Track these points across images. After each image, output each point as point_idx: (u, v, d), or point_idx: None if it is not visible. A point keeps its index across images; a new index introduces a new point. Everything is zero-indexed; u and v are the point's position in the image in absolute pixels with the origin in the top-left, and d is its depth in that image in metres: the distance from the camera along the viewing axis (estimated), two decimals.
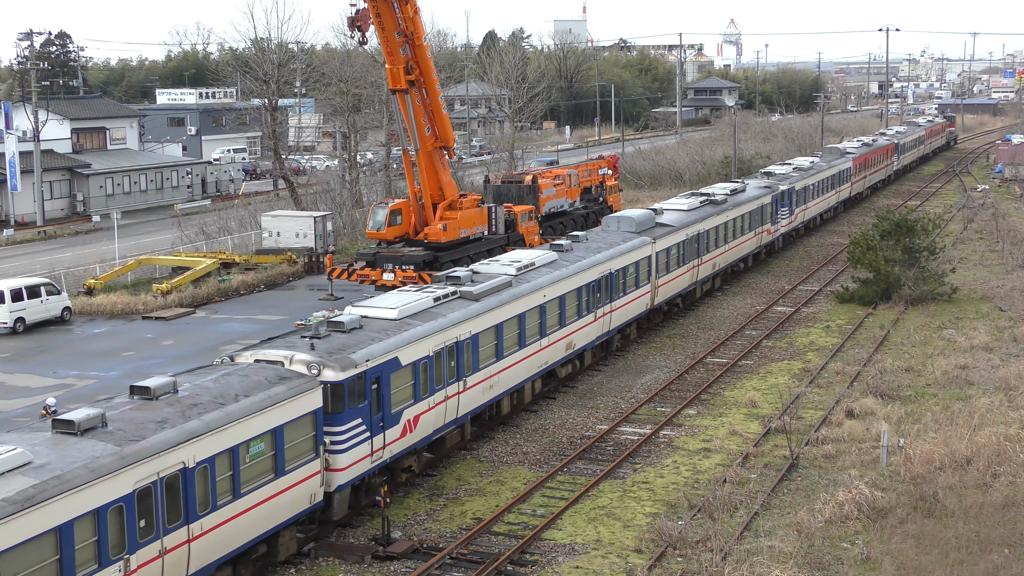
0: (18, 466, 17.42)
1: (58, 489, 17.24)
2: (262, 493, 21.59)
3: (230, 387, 21.88)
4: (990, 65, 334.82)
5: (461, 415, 29.05)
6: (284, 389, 22.35)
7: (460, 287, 30.62)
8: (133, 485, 18.56)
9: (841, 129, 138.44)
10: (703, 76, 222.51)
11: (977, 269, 54.37)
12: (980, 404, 31.61)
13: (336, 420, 23.77)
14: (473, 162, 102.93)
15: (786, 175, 62.52)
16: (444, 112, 46.50)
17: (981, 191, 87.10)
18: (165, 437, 19.43)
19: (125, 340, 42.91)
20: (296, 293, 51.47)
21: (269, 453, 21.80)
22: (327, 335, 25.45)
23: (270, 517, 21.92)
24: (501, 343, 30.70)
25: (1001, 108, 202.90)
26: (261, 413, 21.46)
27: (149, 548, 19.00)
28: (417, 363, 26.66)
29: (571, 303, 35.08)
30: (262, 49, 76.35)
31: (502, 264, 34.40)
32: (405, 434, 26.35)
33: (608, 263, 37.80)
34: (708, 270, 48.26)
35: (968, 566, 22.04)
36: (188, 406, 20.66)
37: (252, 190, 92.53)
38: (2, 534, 16.29)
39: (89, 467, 17.92)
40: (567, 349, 35.13)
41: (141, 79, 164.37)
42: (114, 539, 18.24)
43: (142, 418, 19.86)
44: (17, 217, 75.94)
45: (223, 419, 20.61)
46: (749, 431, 31.25)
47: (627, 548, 23.77)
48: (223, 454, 20.51)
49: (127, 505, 18.43)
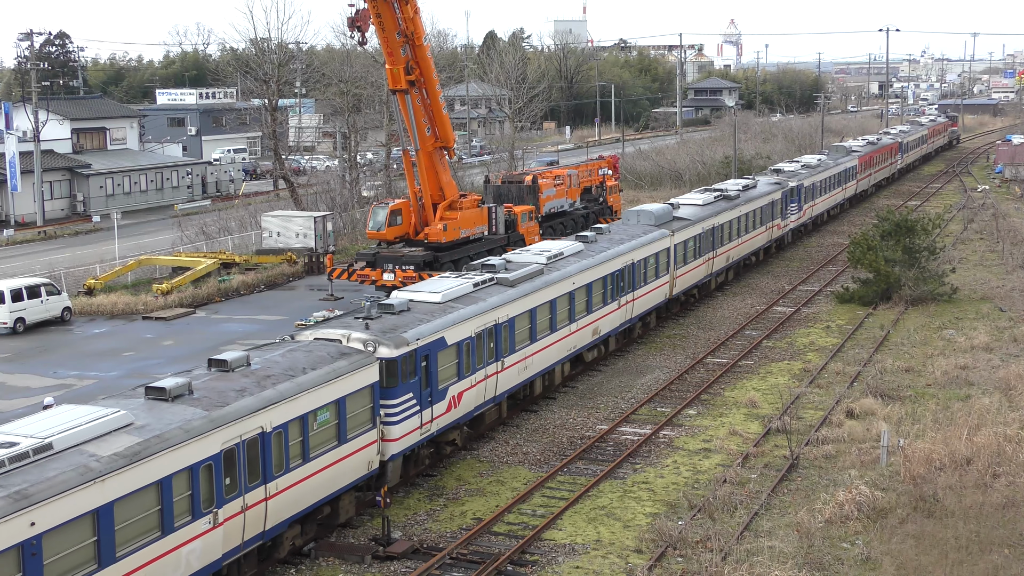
0: (122, 426, 19.27)
1: (159, 447, 19.10)
2: (327, 458, 23.39)
3: (297, 361, 23.74)
4: (990, 65, 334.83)
5: (499, 393, 30.89)
6: (346, 364, 24.22)
7: (496, 274, 32.43)
8: (220, 446, 20.37)
9: (841, 129, 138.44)
10: (703, 76, 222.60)
11: (977, 269, 54.37)
12: (980, 404, 31.61)
13: (390, 394, 25.58)
14: (473, 162, 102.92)
15: (795, 172, 64.37)
16: (444, 112, 46.50)
17: (981, 191, 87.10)
18: (246, 404, 21.30)
19: (125, 340, 42.92)
20: (296, 293, 51.47)
21: (333, 422, 23.61)
22: (378, 316, 27.28)
23: (334, 481, 23.71)
24: (535, 327, 32.55)
25: (1001, 108, 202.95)
26: (327, 385, 23.31)
27: (233, 504, 20.82)
28: (461, 343, 28.51)
29: (597, 291, 36.82)
30: (262, 49, 76.37)
31: (533, 253, 36.16)
32: (450, 409, 28.20)
33: (630, 254, 39.53)
34: (722, 263, 49.97)
35: (968, 566, 22.04)
36: (262, 377, 22.56)
37: (252, 190, 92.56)
38: (116, 484, 18.13)
39: (184, 428, 19.78)
40: (593, 334, 36.89)
41: (141, 79, 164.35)
42: (205, 494, 20.05)
43: (223, 387, 21.72)
44: (17, 217, 75.96)
45: (294, 389, 22.48)
46: (749, 431, 31.26)
47: (627, 548, 23.77)
48: (295, 421, 22.34)
49: (215, 464, 20.25)
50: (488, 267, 33.26)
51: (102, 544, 17.92)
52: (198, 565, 20.01)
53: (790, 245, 63.40)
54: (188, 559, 19.77)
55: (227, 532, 20.71)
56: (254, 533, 21.56)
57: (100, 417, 19.12)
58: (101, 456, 18.23)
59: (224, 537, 20.64)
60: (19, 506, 16.52)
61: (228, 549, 20.85)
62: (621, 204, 67.52)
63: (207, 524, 20.15)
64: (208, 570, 20.36)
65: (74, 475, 17.57)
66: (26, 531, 16.55)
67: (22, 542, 16.50)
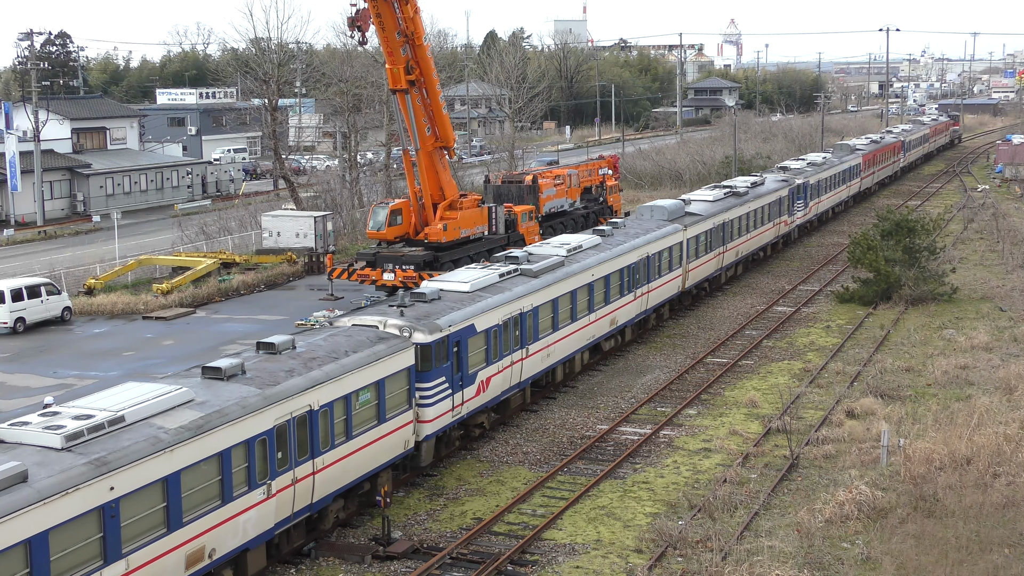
0: (185, 402, 20.59)
1: (219, 421, 20.46)
2: (368, 436, 24.71)
3: (339, 345, 25.07)
4: (990, 65, 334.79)
5: (524, 379, 32.21)
6: (384, 347, 25.57)
7: (520, 265, 33.76)
8: (273, 422, 21.69)
9: (841, 129, 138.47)
10: (703, 76, 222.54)
11: (977, 269, 54.37)
12: (980, 404, 31.60)
13: (424, 377, 26.86)
14: (473, 162, 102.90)
15: (801, 170, 65.96)
16: (444, 112, 46.48)
17: (981, 191, 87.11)
18: (295, 383, 22.63)
19: (125, 340, 42.91)
20: (296, 293, 51.46)
21: (373, 402, 24.91)
22: (412, 304, 28.58)
23: (374, 458, 25.09)
24: (556, 316, 33.89)
25: (1001, 108, 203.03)
26: (368, 367, 24.66)
27: (285, 476, 22.11)
28: (489, 330, 29.80)
29: (614, 283, 38.18)
30: (262, 49, 76.35)
31: (553, 246, 37.56)
32: (479, 393, 29.52)
33: (645, 247, 40.84)
34: (732, 257, 51.39)
35: (968, 566, 22.03)
36: (308, 359, 23.83)
37: (252, 190, 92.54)
38: (182, 454, 19.45)
39: (241, 404, 21.12)
40: (611, 325, 38.28)
41: (141, 79, 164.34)
42: (260, 466, 21.35)
43: (273, 368, 23.05)
44: (17, 217, 75.95)
45: (339, 370, 23.82)
46: (749, 431, 31.25)
47: (627, 548, 23.77)
48: (339, 400, 23.69)
49: (269, 438, 21.59)
50: (512, 259, 34.74)
51: (171, 510, 19.26)
52: (253, 533, 21.37)
53: (795, 242, 64.00)
54: (245, 527, 21.11)
55: (279, 503, 22.06)
56: (303, 505, 22.86)
57: (165, 393, 20.50)
58: (168, 428, 19.60)
59: (277, 507, 22.01)
60: (100, 472, 17.91)
61: (280, 519, 22.22)
62: (621, 204, 67.51)
63: (262, 495, 21.48)
64: (262, 538, 21.71)
65: (146, 445, 18.95)
66: (106, 495, 17.96)
67: (103, 504, 17.90)
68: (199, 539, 19.92)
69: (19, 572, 16.58)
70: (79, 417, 19.13)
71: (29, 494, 16.84)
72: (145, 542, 18.83)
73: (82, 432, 18.55)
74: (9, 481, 16.79)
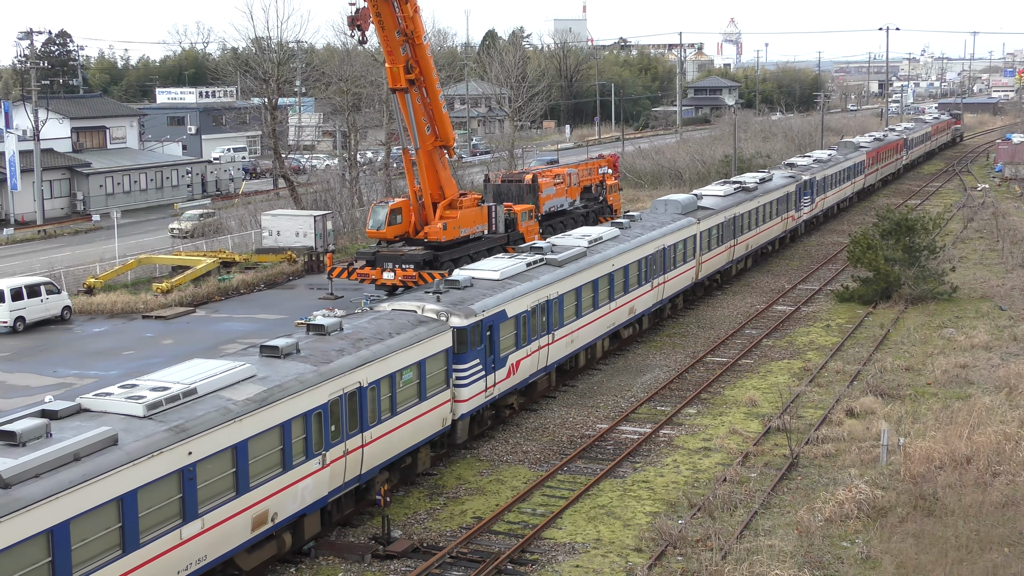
0: (248, 376, 22.09)
1: (281, 395, 21.96)
2: (411, 413, 26.25)
3: (382, 327, 26.68)
4: (990, 64, 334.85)
5: (550, 363, 33.83)
6: (425, 330, 27.23)
7: (545, 255, 35.35)
8: (327, 396, 23.17)
9: (841, 128, 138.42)
10: (703, 75, 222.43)
11: (977, 268, 54.37)
12: (980, 403, 31.58)
13: (461, 359, 28.43)
14: (473, 161, 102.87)
15: (807, 166, 67.53)
16: (444, 111, 46.47)
17: (981, 190, 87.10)
18: (346, 361, 24.16)
19: (125, 339, 42.91)
20: (296, 292, 51.46)
21: (415, 381, 26.46)
22: (447, 291, 30.12)
23: (415, 434, 26.60)
24: (580, 304, 35.46)
25: (1001, 107, 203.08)
26: (411, 347, 26.26)
27: (337, 448, 23.62)
28: (519, 316, 31.44)
29: (633, 273, 39.77)
30: (262, 48, 76.31)
31: (575, 238, 39.28)
32: (510, 376, 31.12)
33: (661, 239, 42.42)
34: (742, 250, 52.93)
35: (968, 565, 22.03)
36: (356, 340, 25.45)
37: (252, 189, 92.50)
38: (249, 424, 20.95)
39: (299, 380, 22.64)
40: (629, 313, 39.77)
41: (141, 78, 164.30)
42: (316, 438, 22.85)
43: (324, 347, 24.62)
44: (17, 216, 75.92)
45: (385, 350, 25.40)
46: (749, 430, 31.25)
47: (627, 547, 23.77)
48: (386, 378, 25.21)
49: (324, 412, 23.07)
50: (537, 249, 36.25)
51: (239, 475, 20.77)
52: (310, 499, 22.91)
53: (801, 237, 65.01)
54: (303, 494, 22.60)
55: (332, 472, 23.53)
56: (353, 475, 24.37)
57: (230, 368, 22.03)
58: (236, 400, 21.14)
59: (330, 477, 23.49)
60: (179, 437, 19.48)
61: (333, 488, 23.72)
62: (621, 203, 67.51)
63: (317, 464, 23.00)
64: (317, 505, 23.24)
65: (217, 415, 20.48)
66: (185, 459, 19.50)
67: (182, 467, 19.45)
68: (263, 503, 21.46)
69: (113, 526, 18.16)
70: (156, 389, 20.67)
71: (120, 456, 18.42)
72: (218, 504, 20.33)
73: (161, 402, 20.11)
74: (102, 444, 18.36)
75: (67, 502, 17.29)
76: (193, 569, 19.90)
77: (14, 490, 16.76)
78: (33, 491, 16.93)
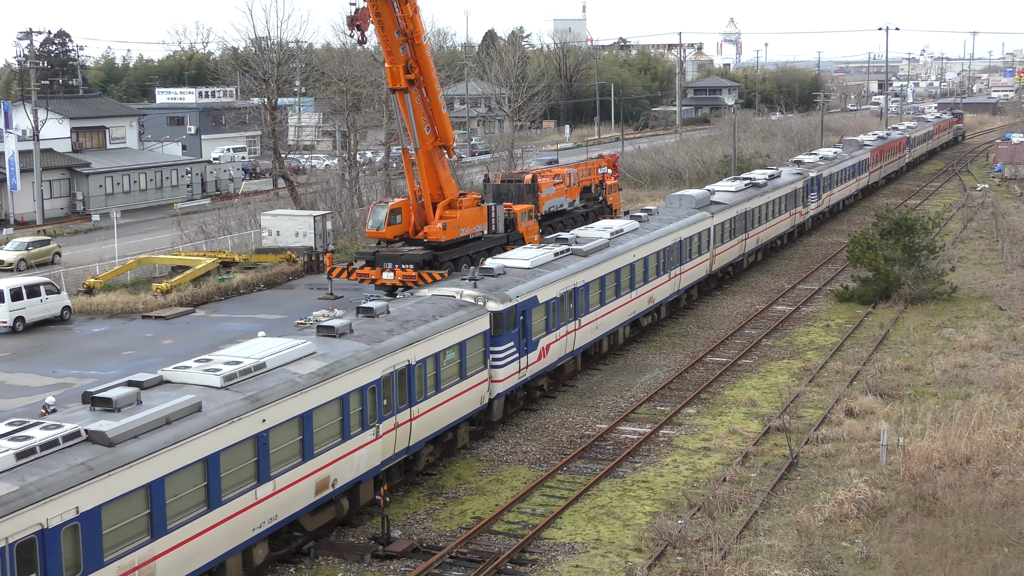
0: (310, 353, 23.88)
1: (340, 370, 23.78)
2: (453, 391, 28.06)
3: (426, 311, 28.49)
4: (990, 64, 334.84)
5: (577, 348, 35.51)
6: (465, 313, 29.02)
7: (571, 246, 37.06)
8: (380, 372, 24.98)
9: (841, 128, 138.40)
10: (703, 75, 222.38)
11: (976, 268, 54.36)
12: (979, 403, 31.58)
13: (497, 342, 30.15)
14: (473, 161, 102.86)
15: (814, 163, 69.06)
16: (444, 111, 46.47)
17: (981, 190, 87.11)
18: (396, 341, 26.00)
19: (125, 339, 42.90)
20: (296, 292, 51.45)
21: (457, 361, 28.24)
22: (482, 278, 31.93)
23: (457, 410, 28.39)
24: (604, 292, 37.10)
25: (1000, 107, 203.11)
26: (453, 329, 28.06)
27: (389, 421, 25.39)
28: (549, 302, 33.14)
29: (652, 264, 41.40)
30: (261, 48, 76.29)
31: (597, 230, 41.01)
32: (541, 358, 32.84)
33: (678, 232, 44.09)
34: (753, 244, 54.71)
35: (967, 565, 22.03)
36: (402, 321, 27.27)
37: (251, 189, 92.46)
38: (314, 395, 22.78)
39: (355, 357, 24.48)
40: (649, 302, 41.48)
41: (140, 78, 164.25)
42: (370, 410, 24.65)
43: (375, 328, 26.49)
44: (17, 216, 75.86)
45: (430, 331, 27.21)
46: (749, 430, 31.25)
47: (627, 547, 23.77)
48: (431, 357, 27.02)
49: (377, 387, 24.88)
50: (562, 240, 37.97)
51: (305, 442, 22.54)
52: (365, 468, 24.66)
53: (817, 227, 66.52)
54: (358, 462, 24.37)
55: (384, 443, 25.30)
56: (402, 447, 26.15)
57: (293, 346, 23.84)
58: (301, 374, 22.89)
59: (383, 447, 25.26)
60: (254, 406, 21.27)
61: (385, 458, 25.44)
62: (621, 203, 67.51)
63: (372, 435, 24.75)
64: (370, 473, 24.94)
65: (286, 387, 22.26)
66: (259, 425, 21.28)
67: (257, 433, 21.26)
68: (325, 469, 23.22)
69: (199, 484, 19.94)
70: (229, 363, 22.45)
71: (205, 421, 20.20)
72: (287, 468, 22.09)
73: (236, 374, 21.92)
74: (189, 410, 20.13)
75: (162, 460, 19.11)
76: (266, 527, 21.73)
77: (118, 448, 18.61)
78: (134, 449, 18.79)
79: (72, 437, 18.49)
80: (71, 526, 17.41)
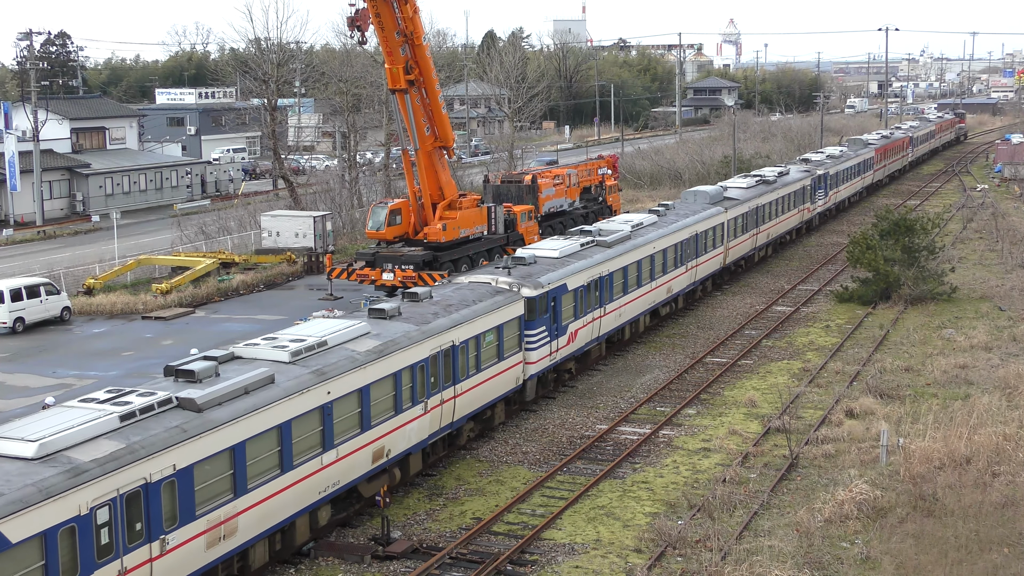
0: (365, 333, 25.82)
1: (393, 348, 25.68)
2: (491, 371, 29.95)
3: (465, 296, 30.35)
4: (989, 64, 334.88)
5: (602, 334, 37.38)
6: (502, 298, 30.93)
7: (595, 237, 38.74)
8: (428, 352, 26.86)
9: (840, 129, 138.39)
10: (702, 76, 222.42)
11: (976, 268, 54.37)
12: (979, 403, 31.58)
13: (531, 326, 31.97)
14: (473, 162, 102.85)
15: (821, 162, 70.56)
16: (443, 112, 46.46)
17: (980, 190, 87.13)
18: (442, 323, 27.88)
19: (124, 340, 42.90)
20: (296, 293, 51.44)
21: (495, 343, 30.14)
22: (514, 266, 33.71)
23: (495, 389, 30.33)
24: (626, 282, 38.86)
25: (1000, 107, 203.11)
26: (491, 313, 29.93)
27: (435, 397, 27.23)
28: (577, 290, 34.93)
29: (671, 256, 43.19)
30: (261, 49, 76.29)
31: (619, 223, 42.83)
32: (569, 343, 34.66)
33: (695, 226, 45.92)
34: (764, 238, 56.53)
35: (967, 565, 22.03)
36: (445, 305, 29.09)
37: (251, 190, 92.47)
38: (371, 371, 24.65)
39: (407, 336, 26.39)
40: (667, 292, 43.36)
41: (140, 78, 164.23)
42: (420, 387, 26.49)
43: (421, 311, 28.31)
44: (17, 217, 75.92)
45: (471, 315, 29.09)
46: (749, 431, 31.25)
47: (627, 548, 23.77)
48: (473, 339, 28.89)
49: (426, 365, 26.72)
50: (586, 232, 39.76)
51: (363, 414, 24.41)
52: (415, 440, 26.52)
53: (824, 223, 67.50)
54: (409, 434, 26.19)
55: (431, 418, 27.14)
56: (447, 422, 27.99)
57: (349, 326, 25.71)
58: (359, 351, 24.81)
59: (430, 422, 27.10)
60: (320, 379, 23.14)
61: (432, 431, 27.28)
62: (621, 204, 67.50)
63: (421, 410, 26.60)
64: (419, 446, 26.77)
65: (347, 362, 24.13)
66: (325, 397, 23.14)
67: (323, 404, 23.09)
68: (380, 440, 25.05)
69: (274, 449, 21.74)
70: (294, 340, 24.34)
71: (278, 391, 22.02)
72: (348, 437, 23.92)
73: (301, 351, 23.78)
74: (264, 381, 21.94)
75: (244, 425, 20.92)
76: (329, 491, 23.54)
77: (206, 413, 20.39)
78: (220, 415, 20.59)
79: (166, 403, 20.29)
80: (169, 481, 19.27)
